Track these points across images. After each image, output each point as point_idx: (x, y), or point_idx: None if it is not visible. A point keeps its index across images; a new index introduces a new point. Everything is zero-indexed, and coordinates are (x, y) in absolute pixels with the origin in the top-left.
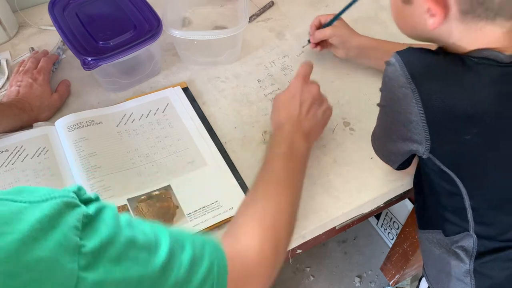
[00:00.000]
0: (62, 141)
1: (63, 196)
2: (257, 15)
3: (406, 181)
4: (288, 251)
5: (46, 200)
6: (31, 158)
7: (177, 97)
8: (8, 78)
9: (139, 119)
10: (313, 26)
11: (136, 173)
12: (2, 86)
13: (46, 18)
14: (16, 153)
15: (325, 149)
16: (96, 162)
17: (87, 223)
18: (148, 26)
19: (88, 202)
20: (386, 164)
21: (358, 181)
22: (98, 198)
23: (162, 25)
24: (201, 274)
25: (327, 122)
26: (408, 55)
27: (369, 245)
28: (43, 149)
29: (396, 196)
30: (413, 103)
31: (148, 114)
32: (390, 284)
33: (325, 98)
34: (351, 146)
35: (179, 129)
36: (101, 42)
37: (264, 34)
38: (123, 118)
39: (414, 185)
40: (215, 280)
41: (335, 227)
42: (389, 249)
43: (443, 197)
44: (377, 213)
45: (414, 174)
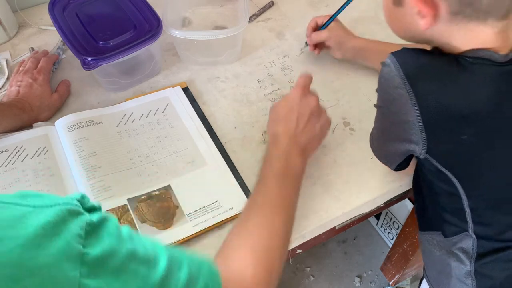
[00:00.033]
0: (62, 141)
1: (67, 203)
2: (257, 15)
3: (406, 181)
4: (288, 251)
5: (50, 206)
6: (31, 158)
7: (177, 97)
8: (8, 78)
9: (139, 119)
10: (309, 28)
11: (136, 173)
12: (2, 86)
13: (46, 18)
14: (16, 153)
15: (325, 149)
16: (96, 162)
17: (90, 231)
18: (148, 26)
19: (91, 210)
20: None
21: (358, 181)
22: (100, 208)
23: (162, 25)
24: None
25: (325, 135)
26: (403, 56)
27: (369, 245)
28: (43, 149)
29: (396, 196)
30: (409, 104)
31: (148, 114)
32: (390, 284)
33: (323, 110)
34: (351, 146)
35: (179, 129)
36: (101, 42)
37: (264, 34)
38: (123, 118)
39: (413, 186)
40: None
41: (335, 227)
42: (389, 249)
43: (441, 198)
44: (377, 213)
45: (413, 174)
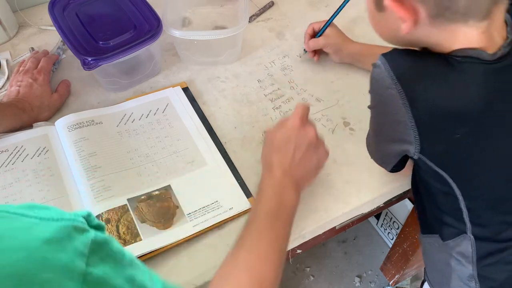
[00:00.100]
0: (62, 141)
1: (73, 219)
2: (257, 15)
3: (406, 181)
4: (288, 251)
5: (56, 220)
6: (31, 158)
7: (177, 97)
8: (8, 78)
9: (139, 119)
10: (307, 35)
11: (136, 173)
12: (2, 86)
13: (46, 18)
14: (16, 153)
15: None
16: (96, 162)
17: (94, 249)
18: (148, 26)
19: (96, 229)
20: None
21: (358, 181)
22: (104, 228)
23: (162, 25)
24: None
25: (322, 167)
26: (393, 57)
27: (369, 245)
28: (43, 149)
29: (396, 196)
30: (400, 104)
31: (148, 114)
32: (390, 284)
33: (322, 141)
34: (351, 146)
35: (179, 129)
36: (101, 42)
37: (264, 34)
38: (123, 118)
39: (412, 187)
40: None
41: (335, 227)
42: (389, 249)
43: (438, 198)
44: (377, 213)
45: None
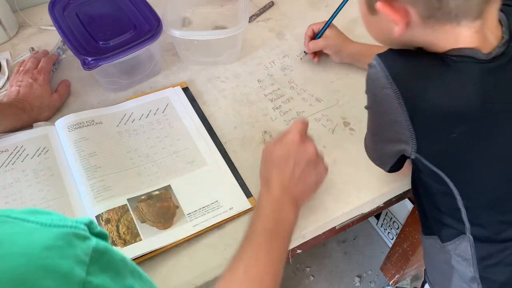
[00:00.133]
0: (62, 141)
1: (74, 227)
2: (257, 15)
3: (406, 181)
4: (288, 251)
5: (57, 226)
6: (31, 158)
7: (177, 97)
8: (8, 78)
9: (139, 119)
10: (307, 37)
11: (136, 173)
12: (2, 86)
13: (46, 18)
14: (16, 153)
15: (325, 149)
16: (96, 162)
17: (95, 258)
18: (148, 26)
19: (98, 236)
20: None
21: (358, 181)
22: (107, 236)
23: (162, 25)
24: None
25: (321, 184)
26: (388, 57)
27: (369, 245)
28: (43, 149)
29: (396, 196)
30: (396, 103)
31: (148, 114)
32: (390, 284)
33: (321, 157)
34: (351, 146)
35: (179, 129)
36: (101, 42)
37: (264, 34)
38: (123, 118)
39: (411, 187)
40: None
41: (335, 227)
42: (389, 249)
43: (437, 198)
44: (377, 213)
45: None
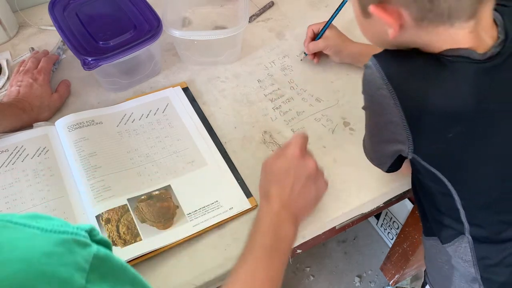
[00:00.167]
0: (62, 141)
1: (75, 233)
2: (257, 15)
3: (406, 181)
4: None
5: (58, 232)
6: (31, 158)
7: (177, 97)
8: (8, 78)
9: (139, 119)
10: (307, 38)
11: (136, 173)
12: (3, 86)
13: (46, 18)
14: (16, 153)
15: (325, 149)
16: (96, 162)
17: (96, 265)
18: (148, 26)
19: (99, 243)
20: None
21: (358, 181)
22: (109, 244)
23: (162, 25)
24: None
25: (321, 199)
26: (384, 57)
27: (369, 245)
28: (43, 149)
29: (396, 196)
30: (392, 104)
31: (148, 114)
32: (390, 284)
33: (321, 172)
34: (351, 146)
35: (179, 129)
36: (101, 42)
37: (264, 34)
38: (123, 118)
39: (412, 188)
40: None
41: (335, 227)
42: (389, 249)
43: (435, 198)
44: (377, 213)
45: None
